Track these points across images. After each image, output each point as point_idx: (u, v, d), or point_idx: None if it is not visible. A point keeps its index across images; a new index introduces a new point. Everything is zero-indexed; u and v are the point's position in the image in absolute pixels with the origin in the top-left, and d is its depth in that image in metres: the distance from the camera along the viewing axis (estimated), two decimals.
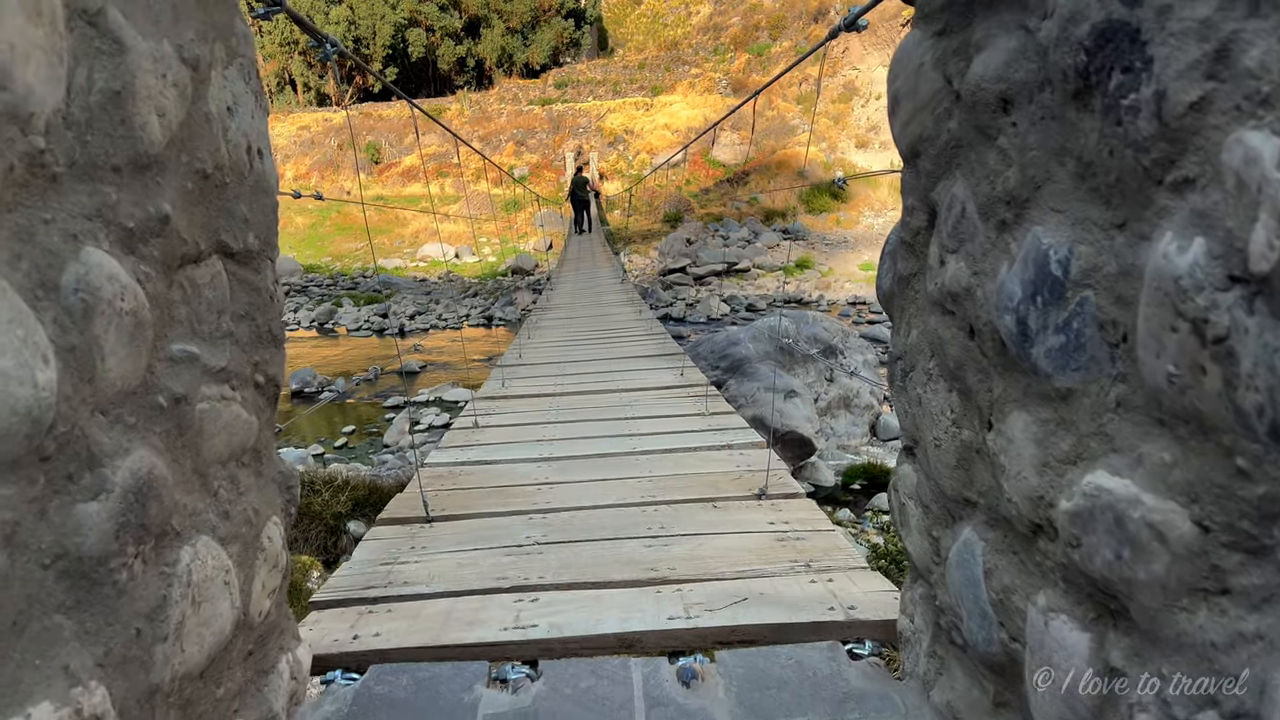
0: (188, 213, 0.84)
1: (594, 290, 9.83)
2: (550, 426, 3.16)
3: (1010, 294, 0.71)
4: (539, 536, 2.07)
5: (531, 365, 4.52)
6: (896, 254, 1.00)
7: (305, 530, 6.86)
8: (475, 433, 3.07)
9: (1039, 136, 0.69)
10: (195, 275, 0.85)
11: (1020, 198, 0.72)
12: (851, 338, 10.52)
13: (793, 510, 2.21)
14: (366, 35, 36.87)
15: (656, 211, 25.68)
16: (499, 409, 3.50)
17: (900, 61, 0.93)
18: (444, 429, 10.98)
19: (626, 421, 3.11)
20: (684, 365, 4.03)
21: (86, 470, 0.68)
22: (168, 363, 0.80)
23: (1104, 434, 0.62)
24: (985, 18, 0.78)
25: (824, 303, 19.83)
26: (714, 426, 3.00)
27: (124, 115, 0.73)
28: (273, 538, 1.04)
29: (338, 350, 16.61)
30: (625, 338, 5.53)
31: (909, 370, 0.96)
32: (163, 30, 0.79)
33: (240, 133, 0.93)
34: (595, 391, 3.74)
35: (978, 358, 0.80)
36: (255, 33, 29.09)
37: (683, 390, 3.64)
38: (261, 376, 0.97)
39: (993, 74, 0.74)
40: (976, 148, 0.79)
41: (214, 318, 0.88)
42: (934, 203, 0.89)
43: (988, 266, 0.77)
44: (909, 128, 0.91)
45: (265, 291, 0.97)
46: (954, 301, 0.83)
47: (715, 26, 39.21)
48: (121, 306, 0.71)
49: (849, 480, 8.33)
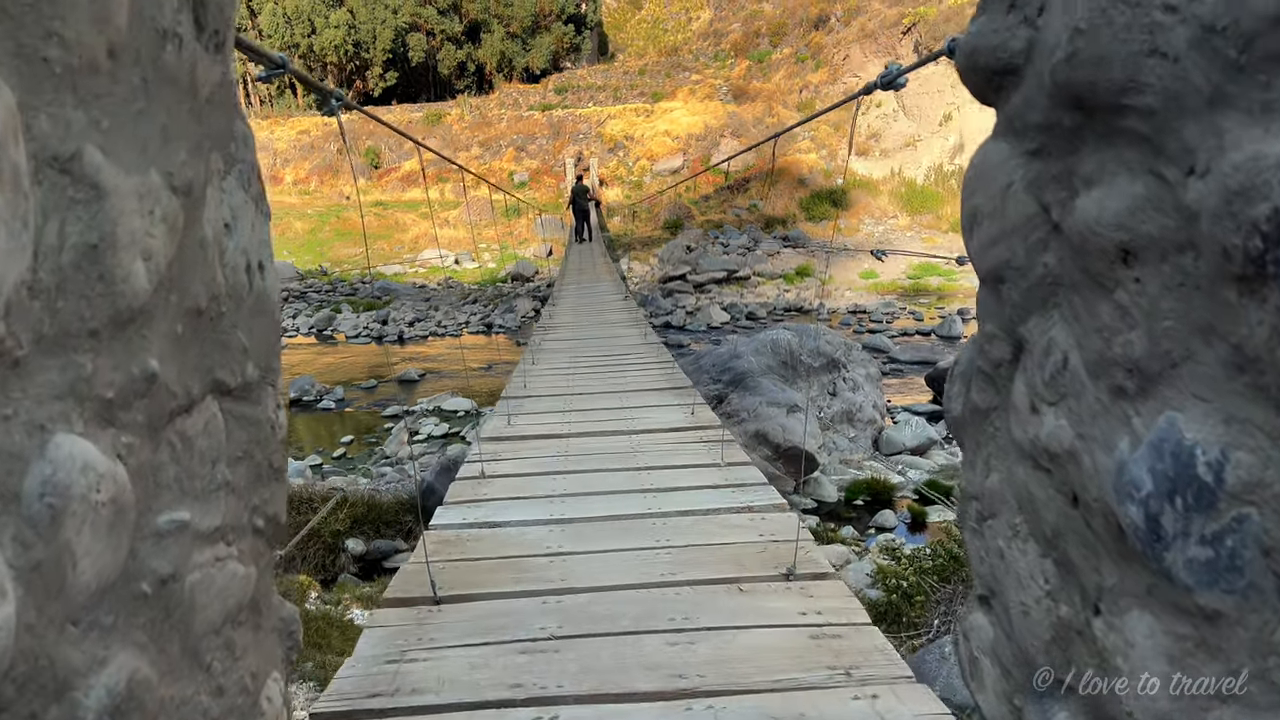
0: (178, 360, 0.73)
1: (597, 308, 9.73)
2: (560, 478, 3.03)
3: (1136, 481, 0.61)
4: (554, 628, 1.94)
5: (537, 398, 4.41)
6: (971, 381, 0.90)
7: (304, 549, 6.75)
8: (482, 484, 2.95)
9: (1176, 305, 0.59)
10: (186, 427, 0.74)
11: (1149, 371, 0.61)
12: (854, 351, 10.42)
13: (824, 596, 2.08)
14: (367, 40, 36.77)
15: (657, 218, 25.60)
16: (505, 453, 3.38)
17: (982, 175, 0.82)
18: (443, 439, 10.90)
19: (640, 474, 2.98)
20: (694, 402, 3.92)
21: (54, 702, 0.57)
22: (153, 540, 0.69)
23: (1270, 682, 0.52)
24: (1098, 149, 0.67)
25: (824, 311, 19.75)
26: (732, 481, 2.88)
27: (102, 270, 0.62)
28: (272, 697, 0.93)
29: (336, 357, 16.50)
30: (632, 365, 5.42)
31: (987, 516, 0.86)
32: (150, 158, 0.69)
33: (239, 251, 0.82)
34: (605, 433, 3.62)
35: (1082, 531, 0.70)
36: (255, 37, 29.14)
37: (695, 434, 3.53)
38: (261, 519, 0.87)
39: (1110, 219, 0.64)
40: (1084, 293, 0.69)
41: (207, 470, 0.77)
42: (1021, 338, 0.79)
43: (1099, 434, 0.67)
44: (992, 251, 0.80)
45: (266, 423, 0.86)
46: (1050, 460, 0.73)
47: (715, 33, 39.17)
48: (97, 499, 0.60)
49: (852, 496, 8.24)
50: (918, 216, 25.08)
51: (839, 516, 8.41)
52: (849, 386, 10.27)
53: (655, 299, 20.45)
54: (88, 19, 0.61)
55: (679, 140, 28.62)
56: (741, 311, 19.64)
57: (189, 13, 0.76)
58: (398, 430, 11.29)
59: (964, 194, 0.87)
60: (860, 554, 6.78)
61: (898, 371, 14.00)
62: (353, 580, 6.03)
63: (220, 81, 0.83)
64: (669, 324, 18.34)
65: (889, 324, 18.05)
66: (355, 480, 9.00)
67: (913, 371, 13.82)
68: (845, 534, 7.54)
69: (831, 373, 10.34)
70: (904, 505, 8.09)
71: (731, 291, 21.74)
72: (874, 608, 4.90)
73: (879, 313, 19.16)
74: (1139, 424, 0.63)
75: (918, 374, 13.39)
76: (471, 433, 10.93)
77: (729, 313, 19.36)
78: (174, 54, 0.73)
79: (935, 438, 9.77)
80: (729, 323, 18.66)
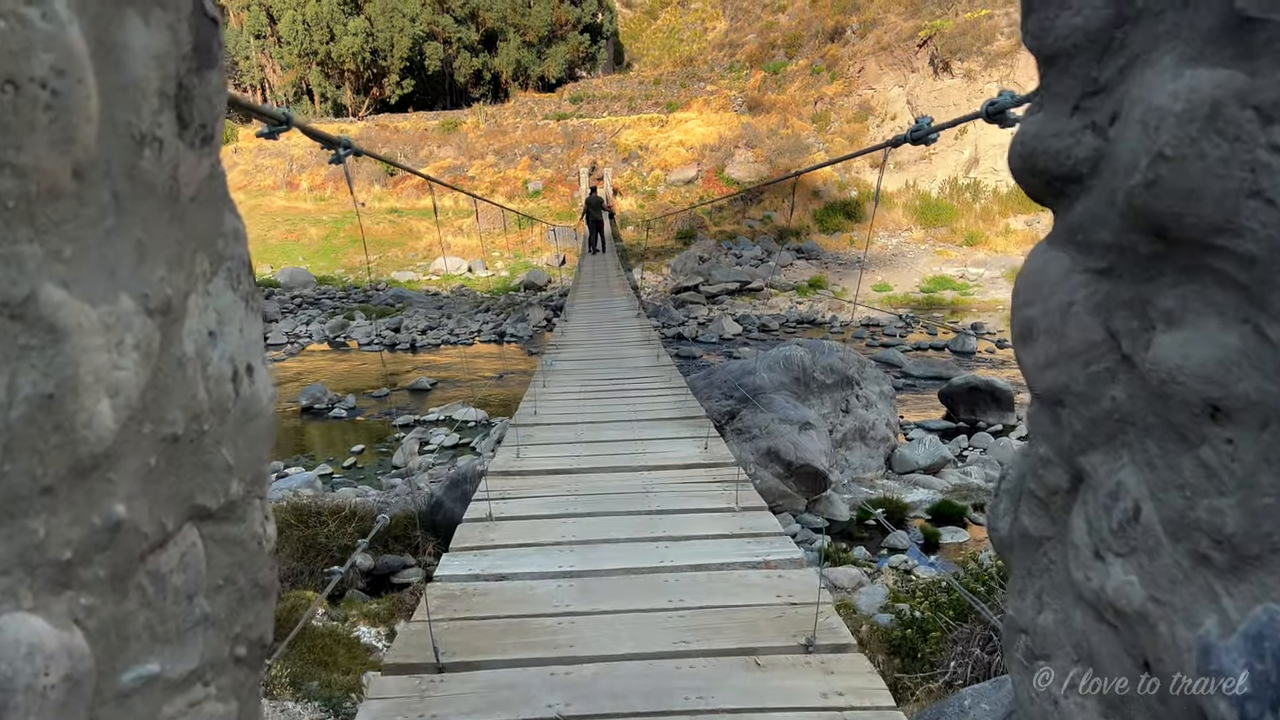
0: (149, 496, 0.66)
1: (610, 325, 9.65)
2: (570, 523, 2.92)
3: (1226, 672, 0.54)
4: (562, 705, 1.84)
5: (547, 426, 4.32)
6: (1019, 501, 0.82)
7: (310, 563, 6.68)
8: (490, 529, 2.86)
9: (1277, 480, 0.51)
10: (159, 565, 0.67)
11: (1244, 550, 0.54)
12: (868, 368, 10.31)
13: (845, 674, 1.98)
14: (384, 47, 36.92)
15: (670, 228, 25.54)
16: (514, 490, 3.28)
17: (1038, 286, 0.74)
18: (453, 449, 10.84)
19: (652, 519, 2.87)
20: (708, 435, 3.82)
21: None
22: (116, 702, 0.62)
23: None
24: (1181, 283, 0.59)
25: (837, 324, 19.63)
26: (746, 530, 2.77)
27: (59, 420, 0.55)
28: None
29: (349, 365, 16.49)
30: (644, 390, 5.33)
31: (1038, 656, 0.78)
32: (121, 282, 0.62)
33: (225, 359, 0.75)
34: (616, 469, 3.52)
35: (1155, 706, 0.62)
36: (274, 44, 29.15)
37: (708, 471, 3.43)
38: (244, 647, 0.80)
39: (1195, 369, 0.56)
40: (1161, 441, 0.62)
41: (183, 607, 0.70)
42: (1081, 469, 0.71)
43: (1178, 602, 0.59)
44: (1048, 372, 0.73)
45: (251, 541, 0.79)
46: (1118, 617, 0.66)
47: (731, 43, 39.15)
48: (46, 683, 0.53)
49: (864, 515, 8.12)
50: (932, 229, 24.93)
51: (851, 536, 8.30)
52: (862, 404, 10.16)
53: (667, 309, 20.37)
54: (47, 142, 0.54)
55: (693, 150, 28.57)
56: (754, 323, 19.54)
57: (171, 111, 0.69)
58: (408, 441, 11.24)
59: (1015, 300, 0.79)
60: (872, 575, 6.67)
61: (911, 387, 13.87)
62: (360, 596, 5.98)
63: (208, 176, 0.76)
64: (681, 335, 18.25)
65: (902, 338, 17.91)
66: (365, 491, 8.95)
67: (926, 387, 13.69)
68: (857, 554, 7.43)
69: (845, 389, 10.23)
70: (918, 524, 7.99)
71: (744, 303, 21.65)
72: (887, 638, 4.79)
73: (892, 326, 19.03)
74: (1230, 605, 0.55)
75: (931, 389, 13.26)
76: (482, 443, 10.88)
77: (741, 324, 19.26)
78: (153, 159, 0.66)
79: (948, 456, 9.66)
80: (741, 334, 18.56)
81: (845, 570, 6.53)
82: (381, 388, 14.43)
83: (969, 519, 8.11)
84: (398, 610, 5.29)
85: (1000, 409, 11.68)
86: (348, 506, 7.01)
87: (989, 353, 16.56)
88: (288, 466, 9.84)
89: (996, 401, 11.69)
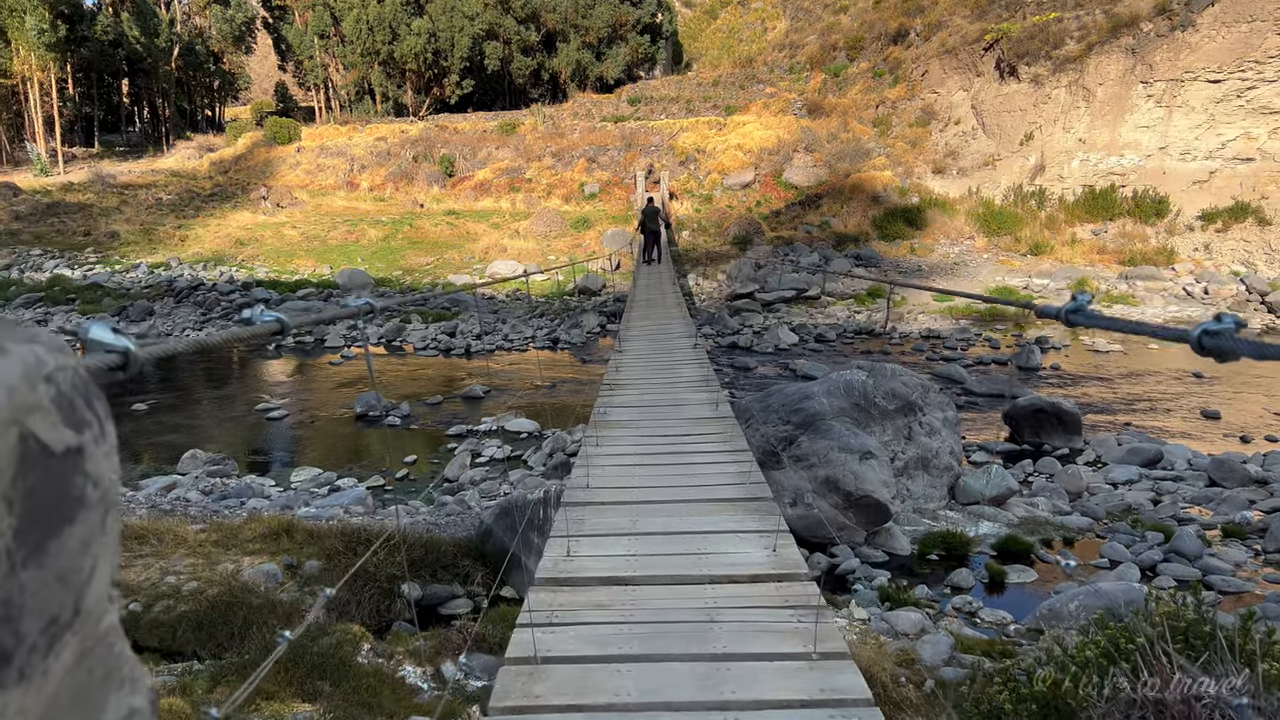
0: None
1: (665, 359, 9.36)
2: (624, 672, 2.62)
3: None
4: None
5: (600, 506, 4.03)
6: None
7: (358, 592, 6.60)
8: (534, 678, 2.34)
9: None
10: None
11: None
12: (931, 392, 9.92)
13: None
14: (445, 47, 37.30)
15: (725, 233, 25.25)
16: (562, 611, 2.92)
17: None
18: (505, 462, 10.76)
19: (717, 669, 2.59)
20: (777, 530, 3.51)
21: None
22: None
23: None
24: None
25: (896, 335, 19.15)
26: (828, 695, 2.44)
27: None
28: None
29: (405, 369, 16.62)
30: (703, 455, 5.03)
31: None
32: None
33: None
34: (675, 579, 3.18)
35: None
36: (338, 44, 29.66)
37: (778, 590, 3.08)
38: None
39: None
40: None
41: None
42: None
43: None
44: None
45: None
46: None
47: (791, 44, 38.65)
48: None
49: (925, 550, 7.76)
50: (995, 238, 24.18)
51: (912, 572, 7.93)
52: (925, 431, 9.82)
53: (722, 317, 20.13)
54: None
55: (750, 154, 28.25)
56: (810, 333, 19.19)
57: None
58: (460, 453, 11.23)
59: None
60: (935, 617, 6.34)
61: (973, 404, 13.42)
62: (406, 629, 5.91)
63: None
64: (735, 344, 18.02)
65: (963, 351, 17.39)
66: (416, 508, 8.90)
67: (989, 405, 13.24)
68: (919, 593, 7.06)
69: (907, 416, 9.88)
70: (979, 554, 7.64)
71: (800, 311, 21.29)
72: (958, 709, 4.30)
73: (953, 339, 18.51)
74: None
75: (994, 409, 12.82)
76: (533, 457, 10.78)
77: (797, 334, 18.93)
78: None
79: (1014, 487, 9.26)
80: (797, 344, 18.24)
81: (906, 614, 6.18)
82: (435, 394, 14.50)
83: (1036, 556, 7.72)
84: (444, 649, 5.21)
85: (1066, 432, 11.22)
86: (397, 534, 6.92)
87: (1053, 368, 15.98)
88: (340, 478, 9.90)
89: (1063, 424, 11.23)
